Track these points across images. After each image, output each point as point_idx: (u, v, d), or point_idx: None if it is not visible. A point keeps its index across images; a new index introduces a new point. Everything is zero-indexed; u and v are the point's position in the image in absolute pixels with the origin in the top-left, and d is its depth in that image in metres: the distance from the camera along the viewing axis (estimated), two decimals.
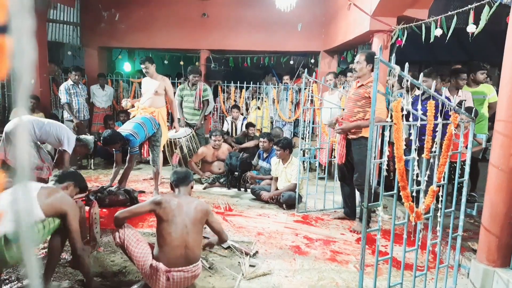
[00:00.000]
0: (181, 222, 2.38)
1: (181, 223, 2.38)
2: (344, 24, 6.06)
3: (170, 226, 2.36)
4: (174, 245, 2.33)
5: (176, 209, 2.40)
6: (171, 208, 2.40)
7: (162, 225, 2.37)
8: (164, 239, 2.34)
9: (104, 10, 7.75)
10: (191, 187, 2.67)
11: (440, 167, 2.39)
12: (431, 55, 9.24)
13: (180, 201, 2.46)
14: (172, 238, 2.34)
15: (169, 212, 2.38)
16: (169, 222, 2.36)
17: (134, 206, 2.57)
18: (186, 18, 7.80)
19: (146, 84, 5.08)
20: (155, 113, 5.09)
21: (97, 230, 3.20)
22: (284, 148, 4.50)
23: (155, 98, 5.08)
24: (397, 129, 2.08)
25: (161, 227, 2.37)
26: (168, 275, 2.31)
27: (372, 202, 2.86)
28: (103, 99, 7.31)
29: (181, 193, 2.58)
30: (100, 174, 5.70)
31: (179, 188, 2.60)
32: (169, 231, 2.35)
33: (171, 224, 2.36)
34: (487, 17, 3.09)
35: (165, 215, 2.37)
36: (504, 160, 2.36)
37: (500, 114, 2.39)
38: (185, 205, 2.46)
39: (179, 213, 2.40)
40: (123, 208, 2.72)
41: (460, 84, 4.37)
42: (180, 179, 2.62)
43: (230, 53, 8.75)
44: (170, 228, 2.35)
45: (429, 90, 2.20)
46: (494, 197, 2.42)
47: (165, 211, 2.38)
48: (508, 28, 2.34)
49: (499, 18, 3.48)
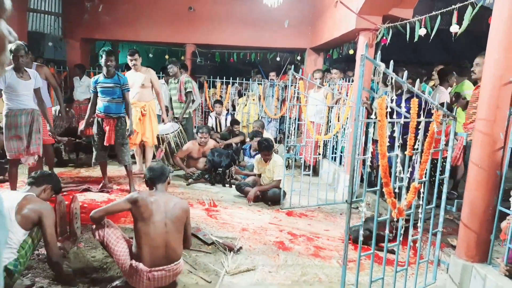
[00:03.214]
0: (161, 221, 2.30)
1: (161, 222, 2.30)
2: (331, 21, 6.08)
3: (147, 226, 2.27)
4: (154, 245, 2.26)
5: (154, 208, 2.31)
6: (147, 207, 2.30)
7: (138, 224, 2.29)
8: (142, 239, 2.26)
9: (87, 1, 7.57)
10: (168, 183, 2.59)
11: (422, 164, 2.43)
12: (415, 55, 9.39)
13: (158, 199, 2.37)
14: (151, 238, 2.27)
15: (145, 211, 2.29)
16: (146, 222, 2.27)
17: (109, 204, 2.50)
18: (172, 11, 7.69)
19: (131, 78, 4.92)
20: (146, 107, 4.99)
21: (77, 225, 3.13)
22: (264, 150, 4.47)
23: (143, 91, 4.98)
24: (381, 126, 2.10)
25: (138, 226, 2.29)
26: (149, 275, 2.27)
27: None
28: (79, 91, 7.12)
29: (158, 190, 2.48)
30: (81, 169, 5.58)
31: (156, 185, 2.50)
32: (147, 231, 2.26)
33: (149, 223, 2.27)
34: (470, 17, 3.14)
35: (141, 214, 2.28)
36: (484, 158, 2.41)
37: (481, 113, 2.44)
38: (164, 203, 2.36)
39: (157, 212, 2.31)
40: None
41: (451, 84, 4.48)
42: (156, 175, 2.50)
43: (217, 48, 8.68)
44: (147, 228, 2.27)
45: (413, 88, 2.23)
46: (474, 194, 2.48)
47: (141, 210, 2.29)
48: (490, 30, 2.39)
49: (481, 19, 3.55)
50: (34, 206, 2.34)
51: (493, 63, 2.37)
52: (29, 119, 3.77)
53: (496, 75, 2.34)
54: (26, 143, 3.77)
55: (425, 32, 3.93)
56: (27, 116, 3.76)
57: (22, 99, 3.74)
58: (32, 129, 3.80)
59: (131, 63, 4.95)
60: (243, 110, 7.21)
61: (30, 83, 3.79)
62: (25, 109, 3.75)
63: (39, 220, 2.33)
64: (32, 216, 2.31)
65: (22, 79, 3.72)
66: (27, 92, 3.78)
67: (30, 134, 3.79)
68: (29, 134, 3.78)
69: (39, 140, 3.88)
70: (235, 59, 8.87)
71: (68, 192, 4.26)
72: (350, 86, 5.04)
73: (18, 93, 3.70)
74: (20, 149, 3.77)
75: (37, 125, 3.83)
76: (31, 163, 3.89)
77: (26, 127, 3.77)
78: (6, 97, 3.72)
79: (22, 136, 3.75)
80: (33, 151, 3.83)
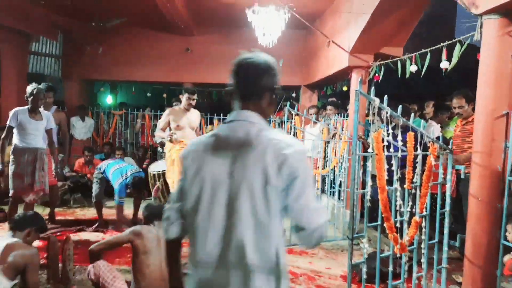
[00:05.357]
0: (160, 253, 2.33)
1: (159, 255, 2.33)
2: (324, 60, 6.28)
3: (148, 257, 2.30)
4: (152, 278, 2.26)
5: (154, 241, 2.37)
6: (149, 240, 2.35)
7: (139, 257, 2.31)
8: (142, 273, 2.26)
9: (87, 44, 7.80)
10: None
11: (422, 198, 2.42)
12: (407, 90, 9.65)
13: (158, 233, 2.43)
14: (151, 270, 2.28)
15: (147, 244, 2.33)
16: (148, 254, 2.31)
17: (111, 237, 2.50)
18: (170, 52, 7.92)
19: (185, 117, 4.51)
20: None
21: (70, 267, 3.01)
22: None
23: (191, 131, 4.61)
24: (379, 159, 2.11)
25: (139, 259, 2.31)
26: None
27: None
28: (82, 131, 7.18)
29: (156, 226, 2.55)
30: (76, 209, 5.48)
31: (153, 222, 2.57)
32: (148, 263, 2.29)
33: (150, 255, 2.31)
34: (458, 55, 3.26)
35: (144, 246, 2.32)
36: (483, 191, 2.40)
37: (477, 146, 2.46)
38: (162, 237, 2.43)
39: (158, 245, 2.36)
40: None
41: (444, 119, 4.58)
42: (154, 214, 2.58)
43: (213, 86, 8.87)
44: (148, 259, 2.30)
45: (408, 122, 2.26)
46: (476, 228, 2.44)
47: (144, 242, 2.33)
48: (479, 65, 2.47)
49: (470, 56, 3.69)
50: (19, 253, 2.24)
51: (484, 97, 2.43)
52: (31, 157, 3.82)
53: (489, 109, 2.39)
54: (29, 180, 3.81)
55: (416, 68, 4.06)
56: (30, 154, 3.82)
57: (29, 138, 3.83)
58: (36, 167, 3.83)
59: (192, 103, 4.50)
60: None
61: (41, 124, 3.91)
62: (30, 148, 3.83)
63: (22, 269, 2.24)
64: (18, 264, 2.22)
65: (34, 119, 3.85)
66: (36, 132, 3.88)
67: (34, 172, 3.83)
68: (32, 172, 3.82)
69: (43, 178, 3.91)
70: None
71: (61, 233, 4.15)
72: (345, 121, 5.11)
73: (26, 132, 3.81)
74: (23, 187, 3.80)
75: (40, 164, 3.88)
76: (32, 199, 3.88)
77: (29, 166, 3.82)
78: (16, 135, 3.82)
79: (25, 174, 3.80)
80: (37, 189, 3.85)
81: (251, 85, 1.27)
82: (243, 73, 1.28)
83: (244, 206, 1.14)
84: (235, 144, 1.19)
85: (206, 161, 1.21)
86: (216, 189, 1.18)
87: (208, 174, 1.20)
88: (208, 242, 1.18)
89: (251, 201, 1.14)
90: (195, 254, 1.21)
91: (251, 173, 1.14)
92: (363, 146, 4.43)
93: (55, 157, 4.13)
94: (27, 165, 3.81)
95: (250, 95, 1.27)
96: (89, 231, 4.34)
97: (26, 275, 2.25)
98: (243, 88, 1.28)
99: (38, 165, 3.85)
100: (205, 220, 1.19)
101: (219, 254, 1.16)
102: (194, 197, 1.21)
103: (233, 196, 1.16)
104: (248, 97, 1.26)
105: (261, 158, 1.15)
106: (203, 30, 7.77)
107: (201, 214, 1.19)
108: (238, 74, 1.29)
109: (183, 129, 4.46)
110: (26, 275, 2.25)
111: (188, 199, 1.24)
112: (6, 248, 2.25)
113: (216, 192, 1.18)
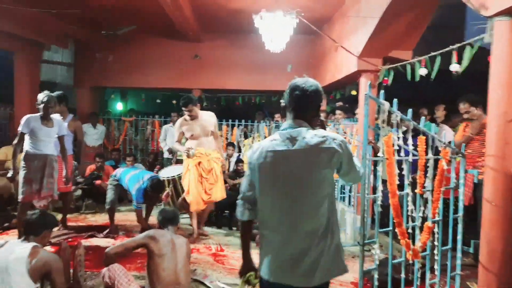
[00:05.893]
0: (174, 257, 2.37)
1: (174, 259, 2.37)
2: (333, 64, 6.27)
3: (163, 261, 2.33)
4: (167, 282, 2.28)
5: (169, 245, 2.41)
6: (164, 243, 2.39)
7: (155, 260, 2.34)
8: (157, 276, 2.29)
9: (98, 52, 7.92)
10: (178, 227, 2.73)
11: (434, 202, 2.38)
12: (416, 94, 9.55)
13: (172, 237, 2.51)
14: (166, 274, 2.30)
15: (163, 247, 2.37)
16: (163, 257, 2.34)
17: (126, 240, 2.54)
18: (179, 59, 8.00)
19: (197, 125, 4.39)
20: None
21: (81, 273, 3.03)
22: None
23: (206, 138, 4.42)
24: (389, 164, 2.09)
25: (155, 263, 2.33)
26: None
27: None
28: (93, 138, 7.27)
29: (170, 231, 2.63)
30: (87, 215, 5.53)
31: (167, 227, 2.65)
32: (163, 266, 2.32)
33: (165, 258, 2.34)
34: (469, 57, 3.22)
35: (159, 249, 2.35)
36: (497, 195, 2.35)
37: (490, 149, 2.42)
38: (176, 240, 2.50)
39: (173, 249, 2.41)
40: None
41: (458, 122, 4.52)
42: (168, 219, 2.67)
43: (222, 92, 8.91)
44: (163, 263, 2.32)
45: (419, 126, 2.24)
46: (490, 234, 2.39)
47: (159, 245, 2.37)
48: (490, 68, 2.44)
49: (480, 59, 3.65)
50: (43, 258, 2.28)
51: (496, 100, 2.39)
52: (41, 164, 3.89)
53: (501, 111, 2.35)
54: (38, 186, 3.87)
55: (426, 72, 4.02)
56: (40, 161, 3.89)
57: (40, 145, 3.89)
58: (45, 173, 3.89)
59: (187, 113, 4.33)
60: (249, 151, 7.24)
61: (53, 130, 3.98)
62: (40, 154, 3.89)
63: (47, 272, 2.28)
64: (42, 269, 2.26)
65: (46, 126, 3.92)
66: (48, 139, 3.94)
67: (42, 178, 3.89)
68: (41, 178, 3.88)
69: (51, 184, 3.97)
70: (240, 102, 9.07)
71: (73, 239, 4.20)
72: (354, 126, 5.08)
73: (38, 138, 3.88)
74: (31, 192, 3.86)
75: (49, 170, 3.94)
76: (42, 205, 3.94)
77: (38, 172, 3.88)
78: (27, 141, 3.89)
79: (34, 180, 3.86)
80: (44, 195, 3.91)
81: (302, 104, 1.68)
82: (296, 95, 1.66)
83: (303, 186, 1.58)
84: (292, 142, 1.61)
85: (270, 157, 1.63)
86: (283, 179, 1.60)
87: (272, 166, 1.62)
88: (281, 216, 1.61)
89: (308, 182, 1.58)
90: (270, 224, 1.65)
91: (307, 163, 1.58)
92: (373, 151, 4.40)
93: (66, 164, 4.19)
94: (36, 171, 3.87)
95: (301, 110, 1.68)
96: (100, 237, 4.37)
97: (52, 280, 2.28)
98: (296, 106, 1.68)
99: (47, 172, 3.91)
100: (279, 197, 1.61)
101: (289, 223, 1.60)
102: (265, 184, 1.64)
103: (295, 179, 1.59)
104: (299, 111, 1.68)
105: (314, 153, 1.58)
106: (211, 36, 7.84)
107: (276, 197, 1.62)
108: (292, 94, 1.68)
109: (198, 138, 4.39)
110: (52, 280, 2.28)
111: (260, 188, 1.66)
112: (32, 251, 2.27)
113: (283, 181, 1.60)
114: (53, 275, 2.26)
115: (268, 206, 1.65)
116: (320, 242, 1.57)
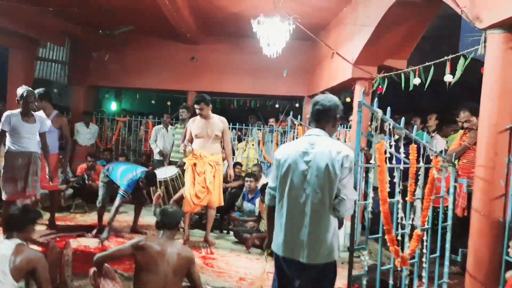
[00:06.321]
0: (162, 271, 2.25)
1: (162, 273, 2.25)
2: (328, 71, 6.31)
3: (149, 275, 2.22)
4: None
5: (157, 257, 2.27)
6: (151, 256, 2.27)
7: (141, 273, 2.25)
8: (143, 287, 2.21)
9: (94, 51, 7.89)
10: (178, 229, 2.60)
11: (424, 210, 2.40)
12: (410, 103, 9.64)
13: (163, 247, 2.33)
14: (152, 286, 2.22)
15: (150, 260, 2.26)
16: (149, 271, 2.23)
17: (114, 249, 2.46)
18: (175, 60, 7.99)
19: (205, 126, 4.32)
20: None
21: (68, 273, 2.99)
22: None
23: (210, 142, 4.32)
24: (381, 171, 2.10)
25: (140, 275, 2.25)
26: None
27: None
28: (86, 137, 7.21)
29: (165, 235, 2.47)
30: (77, 214, 5.47)
31: (164, 230, 2.48)
32: (149, 278, 2.22)
33: (151, 273, 2.23)
34: (462, 68, 3.27)
35: (146, 263, 2.25)
36: (485, 205, 2.38)
37: (480, 159, 2.45)
38: (168, 251, 2.33)
39: (161, 261, 2.27)
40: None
41: (450, 132, 4.55)
42: (167, 223, 2.49)
43: (218, 95, 8.92)
44: (149, 277, 2.22)
45: (411, 134, 2.26)
46: (478, 243, 2.41)
47: (146, 258, 2.26)
48: (483, 79, 2.47)
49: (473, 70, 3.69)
50: (27, 256, 2.23)
51: (488, 111, 2.43)
52: (25, 161, 3.77)
53: (492, 122, 2.39)
54: (22, 185, 3.75)
55: (419, 81, 4.06)
56: (24, 159, 3.77)
57: (23, 142, 3.77)
58: (29, 171, 3.78)
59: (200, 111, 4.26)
60: (242, 154, 7.24)
61: (34, 127, 3.84)
62: (24, 151, 3.77)
63: (31, 270, 2.23)
64: (25, 267, 2.21)
65: (27, 122, 3.79)
66: (30, 135, 3.81)
67: (27, 177, 3.77)
68: (25, 176, 3.76)
69: (36, 182, 3.85)
70: (235, 105, 9.07)
71: (61, 238, 4.14)
72: (347, 132, 5.11)
73: (20, 136, 3.75)
74: (16, 191, 3.74)
75: (34, 168, 3.82)
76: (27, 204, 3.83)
77: (23, 170, 3.76)
78: (9, 139, 3.77)
79: (18, 178, 3.74)
80: (29, 194, 3.78)
81: (323, 116, 2.05)
82: (317, 109, 2.05)
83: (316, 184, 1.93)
84: (310, 146, 1.97)
85: (292, 156, 2.00)
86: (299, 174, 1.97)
87: (293, 164, 1.99)
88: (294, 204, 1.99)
89: (319, 181, 1.93)
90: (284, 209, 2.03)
91: (321, 163, 1.93)
92: (366, 157, 4.42)
93: (48, 161, 4.04)
94: (20, 169, 3.74)
95: (322, 121, 2.05)
96: (89, 237, 4.33)
97: (37, 279, 2.24)
98: (317, 117, 2.06)
99: (31, 170, 3.78)
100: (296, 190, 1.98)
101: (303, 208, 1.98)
102: (284, 177, 2.01)
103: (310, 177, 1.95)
104: (319, 122, 2.06)
105: (327, 156, 1.93)
106: (209, 39, 7.85)
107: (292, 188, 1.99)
108: (314, 108, 2.07)
109: (202, 138, 4.31)
110: (37, 279, 2.24)
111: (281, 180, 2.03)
112: (16, 250, 2.23)
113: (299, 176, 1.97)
114: (37, 273, 2.23)
115: (284, 196, 2.01)
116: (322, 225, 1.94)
